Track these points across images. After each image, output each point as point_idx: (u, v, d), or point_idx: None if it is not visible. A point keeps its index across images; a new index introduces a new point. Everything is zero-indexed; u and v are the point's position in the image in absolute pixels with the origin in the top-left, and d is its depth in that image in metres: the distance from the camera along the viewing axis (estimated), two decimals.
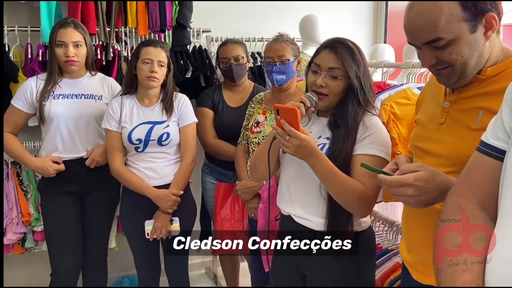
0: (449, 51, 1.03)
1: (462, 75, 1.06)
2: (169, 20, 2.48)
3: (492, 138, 0.77)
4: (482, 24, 1.01)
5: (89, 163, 2.13)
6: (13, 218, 2.39)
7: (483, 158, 0.79)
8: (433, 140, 1.14)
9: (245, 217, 2.22)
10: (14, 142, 2.13)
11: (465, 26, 1.00)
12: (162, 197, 2.01)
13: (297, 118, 1.29)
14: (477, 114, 1.03)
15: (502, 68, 1.05)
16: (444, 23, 1.00)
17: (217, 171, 2.38)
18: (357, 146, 1.38)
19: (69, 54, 2.02)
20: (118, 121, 2.01)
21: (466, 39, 1.01)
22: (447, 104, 1.12)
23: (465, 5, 0.99)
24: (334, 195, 1.36)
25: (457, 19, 1.00)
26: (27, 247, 2.51)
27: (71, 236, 2.17)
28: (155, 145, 2.02)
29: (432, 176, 0.98)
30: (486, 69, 1.05)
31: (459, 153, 1.05)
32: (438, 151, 1.11)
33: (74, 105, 2.10)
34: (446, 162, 1.08)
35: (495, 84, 1.05)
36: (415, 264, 1.23)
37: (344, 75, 1.39)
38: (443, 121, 1.12)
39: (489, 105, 1.02)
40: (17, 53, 2.42)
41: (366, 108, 1.42)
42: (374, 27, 3.32)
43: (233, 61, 2.27)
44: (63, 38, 2.02)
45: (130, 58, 2.25)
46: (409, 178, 0.98)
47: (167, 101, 2.05)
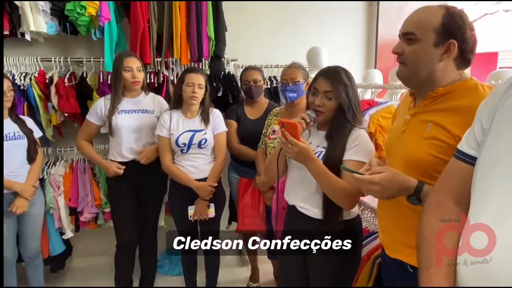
0: (413, 48, 1.04)
1: (412, 75, 1.07)
2: (206, 52, 2.50)
3: (466, 147, 0.77)
4: (444, 46, 1.02)
5: (142, 159, 2.14)
6: (89, 201, 2.47)
7: (458, 163, 0.78)
8: (397, 144, 1.15)
9: (261, 205, 2.23)
10: (88, 147, 2.22)
11: (433, 36, 1.01)
12: (202, 188, 2.05)
13: (297, 131, 1.30)
14: (427, 126, 1.04)
15: (450, 90, 1.05)
16: (423, 24, 1.02)
17: (240, 169, 2.39)
18: (346, 153, 1.38)
19: (135, 76, 2.09)
20: (168, 130, 2.05)
21: (427, 47, 1.02)
22: (408, 117, 1.13)
23: (443, 23, 1.01)
24: (325, 191, 1.37)
25: (432, 28, 1.01)
26: (99, 224, 2.59)
27: (130, 218, 2.24)
28: (195, 148, 2.06)
29: (393, 177, 0.99)
30: (438, 89, 1.05)
31: (410, 155, 1.07)
32: (399, 152, 1.12)
33: (133, 118, 2.15)
34: (401, 161, 1.09)
35: (442, 103, 1.05)
36: (385, 241, 1.24)
37: (336, 96, 1.38)
38: (404, 130, 1.13)
39: (436, 120, 1.03)
40: (92, 79, 2.49)
41: (353, 123, 1.41)
42: (367, 55, 3.29)
43: (252, 83, 2.29)
44: (130, 64, 2.08)
45: (176, 81, 2.26)
46: (375, 177, 0.98)
47: (205, 114, 2.09)
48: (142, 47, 2.41)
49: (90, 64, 2.53)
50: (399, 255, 1.15)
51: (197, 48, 2.50)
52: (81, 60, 2.53)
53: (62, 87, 2.38)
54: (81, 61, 2.53)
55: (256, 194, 2.25)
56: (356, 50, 3.28)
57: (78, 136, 2.23)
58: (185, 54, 2.51)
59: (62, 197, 2.44)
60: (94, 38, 2.44)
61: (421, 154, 1.03)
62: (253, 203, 2.27)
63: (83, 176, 2.50)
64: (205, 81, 2.07)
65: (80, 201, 2.49)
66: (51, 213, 2.42)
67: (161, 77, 2.59)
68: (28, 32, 2.28)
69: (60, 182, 2.44)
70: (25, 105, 2.35)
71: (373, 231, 2.02)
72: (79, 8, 2.26)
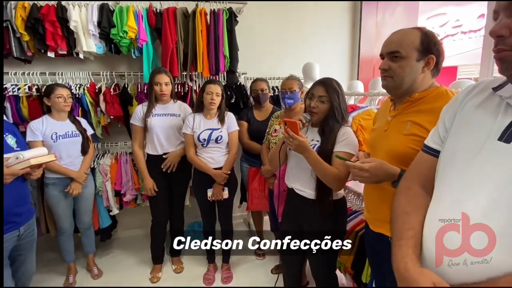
0: (399, 64, 1.02)
1: (398, 85, 1.06)
2: (222, 67, 2.50)
3: (431, 142, 0.77)
4: (424, 60, 1.01)
5: (166, 163, 2.14)
6: (130, 185, 2.50)
7: (425, 156, 0.77)
8: (381, 140, 1.14)
9: (266, 189, 2.24)
10: (140, 158, 2.17)
11: (415, 53, 1.01)
12: (218, 175, 2.06)
13: (297, 128, 1.32)
14: (407, 125, 1.04)
15: (424, 95, 1.04)
16: (406, 44, 1.01)
17: (249, 160, 2.38)
18: (336, 146, 1.39)
19: (162, 90, 2.10)
20: (192, 128, 2.06)
21: (411, 62, 1.01)
22: (390, 119, 1.12)
23: (422, 41, 1.00)
24: (319, 176, 1.37)
25: (414, 47, 1.00)
26: (138, 203, 2.61)
27: (162, 198, 2.25)
28: (213, 143, 2.07)
29: (380, 166, 0.99)
30: (414, 94, 1.05)
31: (393, 148, 1.06)
32: (383, 147, 1.11)
33: (164, 120, 2.16)
34: (386, 154, 1.08)
35: (418, 105, 1.05)
36: (370, 219, 1.24)
37: (328, 100, 1.39)
38: (387, 128, 1.12)
39: (414, 119, 1.03)
40: (132, 88, 2.51)
41: (341, 123, 1.42)
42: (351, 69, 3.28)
43: (260, 92, 2.29)
44: (159, 80, 2.09)
45: (199, 91, 2.27)
46: (366, 165, 0.99)
47: (221, 116, 2.09)
48: (171, 63, 2.43)
49: (130, 77, 2.56)
50: (382, 230, 1.16)
51: (215, 64, 2.50)
52: (123, 74, 2.55)
53: (109, 95, 2.41)
54: (123, 74, 2.55)
55: (262, 181, 2.26)
56: (342, 64, 3.27)
57: (132, 143, 2.20)
58: (206, 69, 2.51)
59: (109, 182, 2.47)
60: (134, 56, 2.46)
61: (403, 148, 1.03)
62: (259, 187, 2.27)
63: (125, 165, 2.53)
64: (221, 90, 2.08)
65: (123, 185, 2.51)
66: (100, 194, 2.45)
67: (186, 87, 2.61)
68: (82, 52, 2.31)
69: (107, 170, 2.46)
70: (80, 109, 2.38)
71: (355, 210, 2.01)
72: (122, 33, 2.28)
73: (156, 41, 2.51)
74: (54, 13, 2.16)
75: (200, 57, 2.47)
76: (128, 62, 2.63)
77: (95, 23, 2.25)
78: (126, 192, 2.52)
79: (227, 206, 2.22)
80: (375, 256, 1.27)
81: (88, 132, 2.19)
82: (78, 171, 2.08)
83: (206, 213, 2.23)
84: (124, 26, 2.27)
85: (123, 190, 2.51)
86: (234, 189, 2.22)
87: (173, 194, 2.31)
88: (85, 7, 2.26)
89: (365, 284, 1.75)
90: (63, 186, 2.06)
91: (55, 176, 2.04)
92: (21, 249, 1.47)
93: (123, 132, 2.63)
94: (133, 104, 2.46)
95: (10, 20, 2.12)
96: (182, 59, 2.48)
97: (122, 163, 2.52)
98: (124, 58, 2.60)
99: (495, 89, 0.65)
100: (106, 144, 2.61)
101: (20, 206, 1.43)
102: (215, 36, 2.47)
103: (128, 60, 2.61)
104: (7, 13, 2.12)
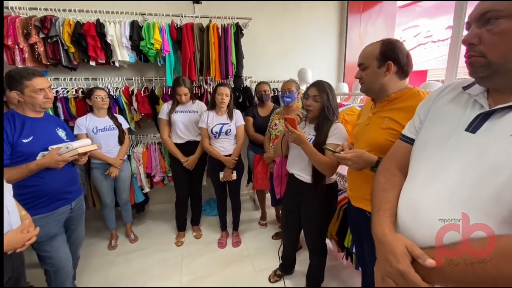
0: (365, 73, 1.03)
1: (368, 88, 1.06)
2: (230, 72, 2.47)
3: (408, 132, 0.75)
4: (384, 66, 1.00)
5: (187, 167, 2.15)
6: (158, 169, 2.51)
7: (401, 143, 0.76)
8: (363, 133, 1.13)
9: (267, 172, 2.24)
10: (170, 143, 2.16)
11: (375, 62, 1.00)
12: (228, 161, 2.06)
13: (295, 123, 1.31)
14: (385, 120, 1.03)
15: (400, 95, 1.02)
16: (368, 56, 1.01)
17: (254, 148, 2.36)
18: (328, 139, 1.36)
19: (182, 100, 2.08)
20: (206, 123, 2.06)
21: (373, 69, 1.01)
22: (370, 115, 1.11)
23: (380, 51, 0.99)
24: (314, 164, 1.36)
25: (373, 57, 0.99)
26: (165, 183, 2.62)
27: (184, 179, 2.24)
28: (224, 135, 2.06)
29: (360, 155, 0.99)
30: (391, 95, 1.03)
31: (373, 140, 1.05)
32: (365, 139, 1.10)
33: (184, 116, 2.16)
34: (367, 144, 1.07)
35: (395, 104, 1.03)
36: (352, 196, 1.24)
37: (320, 99, 1.37)
38: (368, 123, 1.11)
39: (391, 116, 1.01)
40: (158, 91, 2.48)
41: (332, 119, 1.39)
42: (338, 73, 3.22)
43: (263, 92, 2.26)
44: (179, 92, 2.07)
45: (212, 92, 2.25)
46: (348, 156, 1.00)
47: (230, 113, 2.07)
48: (190, 69, 2.40)
49: (157, 81, 2.54)
50: (361, 205, 1.16)
51: (225, 70, 2.48)
52: (151, 78, 2.53)
53: (140, 96, 2.40)
54: (151, 79, 2.53)
55: (265, 165, 2.25)
56: (330, 69, 3.20)
57: (161, 134, 2.18)
58: (218, 74, 2.49)
59: (142, 166, 2.48)
60: (159, 64, 2.44)
61: (381, 140, 1.01)
62: (262, 170, 2.27)
63: (154, 153, 2.53)
64: (230, 92, 2.06)
65: (153, 169, 2.52)
66: (135, 176, 2.47)
67: (202, 89, 2.59)
68: (117, 61, 2.29)
69: (140, 157, 2.47)
70: (117, 108, 2.38)
71: (340, 189, 1.98)
72: (149, 45, 2.26)
73: (177, 51, 2.48)
74: (94, 29, 2.14)
75: (213, 64, 2.45)
76: (155, 69, 2.61)
77: (127, 36, 2.22)
78: (156, 174, 2.53)
79: (236, 186, 2.22)
80: (355, 226, 1.27)
81: (124, 126, 2.19)
82: (115, 158, 2.09)
83: (219, 191, 2.23)
84: (151, 39, 2.24)
85: (153, 172, 2.52)
86: (241, 172, 2.21)
87: (193, 176, 2.32)
88: (119, 23, 2.23)
89: (347, 248, 1.77)
90: (104, 169, 2.09)
91: (98, 162, 2.06)
92: (73, 220, 1.50)
93: (152, 126, 2.64)
94: (160, 103, 2.45)
95: (59, 35, 2.11)
96: (198, 66, 2.45)
97: (152, 151, 2.53)
98: (151, 66, 2.58)
99: (465, 88, 0.64)
100: (138, 136, 2.61)
101: (71, 186, 1.45)
102: (225, 46, 2.43)
103: (155, 67, 2.60)
104: (56, 29, 2.10)
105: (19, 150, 1.23)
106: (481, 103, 0.58)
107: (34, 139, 1.28)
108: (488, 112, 0.56)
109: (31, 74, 1.27)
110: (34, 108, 1.32)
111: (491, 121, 0.54)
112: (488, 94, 0.59)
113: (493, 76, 0.54)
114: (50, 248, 1.34)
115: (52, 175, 1.32)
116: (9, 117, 1.27)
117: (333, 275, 1.89)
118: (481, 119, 0.56)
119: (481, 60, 0.54)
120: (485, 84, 0.58)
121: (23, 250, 0.97)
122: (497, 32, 0.51)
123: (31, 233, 0.99)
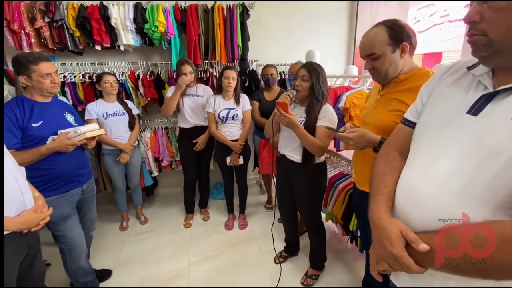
0: (379, 62, 0.98)
1: (384, 77, 1.02)
2: (236, 55, 2.42)
3: (409, 115, 0.73)
4: (399, 48, 0.96)
5: (197, 147, 2.15)
6: (166, 153, 2.53)
7: (403, 127, 0.74)
8: (370, 115, 1.11)
9: (274, 156, 2.13)
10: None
11: (389, 48, 0.96)
12: (234, 145, 2.05)
13: (287, 107, 1.32)
14: (392, 102, 1.01)
15: (408, 76, 1.00)
16: (377, 44, 0.96)
17: (260, 133, 2.34)
18: (318, 121, 1.37)
19: (189, 79, 2.03)
20: (213, 107, 2.03)
21: (389, 56, 0.97)
22: (378, 97, 1.09)
23: (390, 36, 0.95)
24: (305, 146, 1.38)
25: (385, 43, 0.96)
26: (173, 167, 2.65)
27: (192, 163, 2.26)
28: (231, 120, 2.04)
29: (363, 134, 0.98)
30: (400, 76, 1.00)
31: (380, 122, 1.03)
32: (372, 121, 1.09)
33: (192, 100, 2.14)
34: (373, 127, 1.06)
35: (403, 85, 1.00)
36: (357, 179, 1.24)
37: (309, 80, 1.37)
38: (375, 106, 1.09)
39: (399, 97, 0.99)
40: (164, 75, 2.45)
41: (322, 101, 1.38)
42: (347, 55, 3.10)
43: (270, 76, 2.22)
44: (183, 71, 2.02)
45: (218, 76, 2.22)
46: (350, 135, 0.99)
47: (237, 97, 2.05)
48: (195, 53, 2.36)
49: (162, 65, 2.51)
50: (364, 188, 1.16)
51: (231, 53, 2.42)
52: (157, 62, 2.50)
53: (146, 81, 2.37)
54: (157, 63, 2.50)
55: (271, 150, 2.24)
56: (340, 52, 3.07)
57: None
58: (224, 57, 2.44)
59: (150, 151, 2.50)
60: (164, 47, 2.39)
61: (388, 122, 0.99)
62: (268, 155, 2.27)
63: (162, 138, 2.54)
64: (237, 75, 2.02)
65: (161, 153, 2.54)
66: (143, 161, 2.50)
67: (208, 73, 2.54)
68: (122, 45, 2.26)
69: (148, 142, 2.49)
70: (124, 93, 2.37)
71: (346, 173, 1.98)
72: (153, 27, 2.21)
73: (182, 34, 2.42)
74: (98, 12, 2.10)
75: (218, 47, 2.39)
76: (160, 53, 2.56)
77: (131, 19, 2.17)
78: (163, 159, 2.55)
79: (242, 170, 2.23)
80: (360, 209, 1.27)
81: (134, 112, 2.19)
82: (125, 144, 2.11)
83: (226, 175, 2.24)
84: (155, 21, 2.19)
85: (161, 157, 2.55)
86: (247, 156, 2.21)
87: (200, 160, 2.33)
88: (122, 6, 2.18)
89: (352, 232, 1.78)
90: (115, 155, 2.12)
91: (109, 148, 2.09)
92: (85, 201, 1.54)
93: (158, 111, 2.62)
94: (166, 88, 2.43)
95: (63, 19, 2.08)
96: (203, 49, 2.40)
97: (159, 136, 2.54)
98: (156, 50, 2.53)
99: (469, 68, 0.61)
100: (145, 121, 2.62)
101: (82, 169, 1.48)
102: (230, 28, 2.35)
103: (160, 51, 2.55)
104: (61, 13, 2.07)
105: (30, 134, 1.24)
106: (485, 84, 0.56)
107: (43, 124, 1.29)
108: (491, 94, 0.53)
109: (37, 58, 1.26)
110: (42, 93, 1.32)
111: (493, 103, 0.52)
112: (493, 74, 0.56)
113: (495, 55, 0.51)
114: (64, 228, 1.39)
115: (63, 159, 1.34)
116: (18, 102, 1.28)
117: (338, 257, 1.91)
118: (484, 100, 0.54)
119: (482, 39, 0.51)
120: (488, 63, 0.55)
121: (38, 229, 1.02)
122: (499, 8, 0.48)
123: (45, 213, 1.03)
